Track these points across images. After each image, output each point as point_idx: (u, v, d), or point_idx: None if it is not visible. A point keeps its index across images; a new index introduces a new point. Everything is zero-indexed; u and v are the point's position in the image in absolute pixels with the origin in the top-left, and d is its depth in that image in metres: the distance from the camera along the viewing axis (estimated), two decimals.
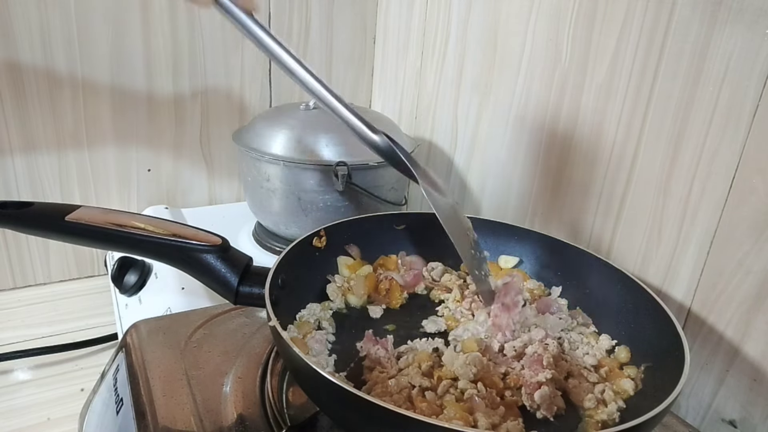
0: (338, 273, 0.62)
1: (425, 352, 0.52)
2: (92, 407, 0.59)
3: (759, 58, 0.50)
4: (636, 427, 0.38)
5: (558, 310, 0.60)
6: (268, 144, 0.77)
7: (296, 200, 0.78)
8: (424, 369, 0.49)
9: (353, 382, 0.49)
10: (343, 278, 0.61)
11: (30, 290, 0.94)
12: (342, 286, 0.60)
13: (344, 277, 0.61)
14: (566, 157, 0.71)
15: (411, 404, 0.45)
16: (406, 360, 0.51)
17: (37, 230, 0.51)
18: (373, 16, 1.05)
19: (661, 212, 0.60)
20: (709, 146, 0.55)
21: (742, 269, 0.53)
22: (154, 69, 0.90)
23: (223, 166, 1.02)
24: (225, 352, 0.57)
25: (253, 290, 0.51)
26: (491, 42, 0.80)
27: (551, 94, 0.71)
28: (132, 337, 0.59)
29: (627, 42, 0.61)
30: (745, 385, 0.55)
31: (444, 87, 0.91)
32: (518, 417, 0.45)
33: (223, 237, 0.53)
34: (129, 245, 0.52)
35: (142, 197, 0.98)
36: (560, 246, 0.63)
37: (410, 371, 0.48)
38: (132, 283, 0.76)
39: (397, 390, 0.46)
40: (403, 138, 0.85)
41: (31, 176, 0.88)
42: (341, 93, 0.84)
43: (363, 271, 0.62)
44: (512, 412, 0.46)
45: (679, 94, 0.57)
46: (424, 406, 0.44)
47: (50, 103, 0.85)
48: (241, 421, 0.49)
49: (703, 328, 0.58)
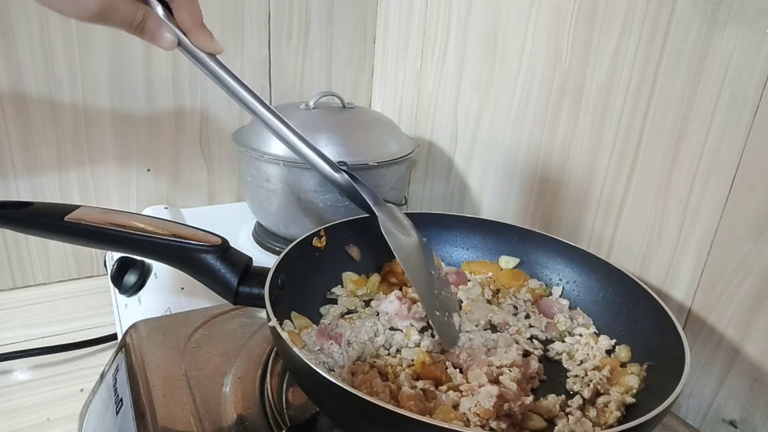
0: (342, 285, 0.62)
1: (419, 359, 0.51)
2: (92, 407, 0.59)
3: (759, 58, 0.50)
4: (636, 427, 0.38)
5: (558, 311, 0.60)
6: (268, 144, 0.77)
7: (296, 200, 0.78)
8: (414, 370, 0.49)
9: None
10: (347, 290, 0.61)
11: (29, 290, 0.94)
12: (349, 294, 0.61)
13: (348, 290, 0.61)
14: (566, 157, 0.71)
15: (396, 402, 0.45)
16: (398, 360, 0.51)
17: (37, 230, 0.51)
18: (373, 16, 1.05)
19: (661, 212, 0.60)
20: (709, 146, 0.55)
21: (743, 269, 0.53)
22: (154, 68, 0.90)
23: (223, 166, 1.02)
24: (225, 353, 0.57)
25: (252, 290, 0.51)
26: (491, 42, 0.80)
27: (551, 94, 0.71)
28: (131, 338, 0.59)
29: (627, 42, 0.61)
30: (746, 385, 0.55)
31: (444, 87, 0.91)
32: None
33: (222, 237, 0.53)
34: (128, 245, 0.52)
35: (141, 197, 0.98)
36: (560, 246, 0.63)
37: (402, 377, 0.48)
38: (132, 284, 0.76)
39: (382, 389, 0.46)
40: (402, 138, 0.85)
41: (30, 176, 0.88)
42: (341, 93, 0.85)
43: (372, 284, 0.62)
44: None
45: (680, 94, 0.57)
46: (411, 404, 0.44)
47: (50, 102, 0.85)
48: (240, 421, 0.49)
49: (703, 328, 0.57)
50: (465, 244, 0.67)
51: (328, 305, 0.58)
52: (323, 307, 0.58)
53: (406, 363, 0.50)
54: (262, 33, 0.96)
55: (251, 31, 0.95)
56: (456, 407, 0.45)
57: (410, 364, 0.50)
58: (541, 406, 0.47)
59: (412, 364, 0.50)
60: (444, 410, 0.44)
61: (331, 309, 0.58)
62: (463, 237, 0.68)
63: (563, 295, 0.62)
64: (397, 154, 0.80)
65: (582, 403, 0.48)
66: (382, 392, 0.45)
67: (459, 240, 0.68)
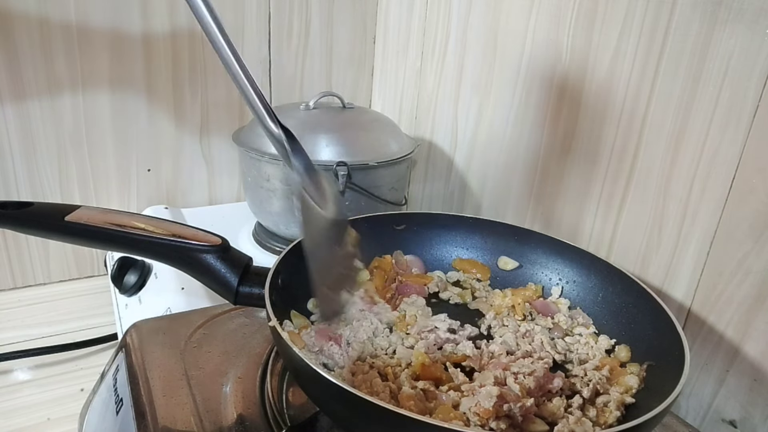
0: None
1: (418, 361, 0.51)
2: (92, 407, 0.59)
3: (759, 57, 0.50)
4: (636, 427, 0.38)
5: (558, 311, 0.60)
6: (268, 144, 0.77)
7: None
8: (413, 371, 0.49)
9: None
10: None
11: (30, 290, 0.94)
12: None
13: None
14: (566, 157, 0.71)
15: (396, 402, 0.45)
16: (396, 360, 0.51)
17: (37, 230, 0.51)
18: (373, 16, 1.05)
19: (661, 212, 0.60)
20: (709, 146, 0.55)
21: (743, 269, 0.53)
22: (154, 69, 0.90)
23: (223, 166, 1.02)
24: (225, 353, 0.57)
25: (253, 290, 0.51)
26: (491, 42, 0.80)
27: (551, 94, 0.71)
28: (132, 338, 0.59)
29: (627, 42, 0.61)
30: (746, 385, 0.55)
31: (444, 87, 0.91)
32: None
33: (223, 237, 0.53)
34: (129, 245, 0.52)
35: (141, 197, 0.98)
36: (560, 246, 0.63)
37: (402, 377, 0.48)
38: (132, 284, 0.76)
39: (382, 389, 0.46)
40: (402, 138, 0.85)
41: (31, 176, 0.88)
42: (341, 93, 0.85)
43: (359, 281, 0.62)
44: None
45: (680, 94, 0.57)
46: (411, 404, 0.44)
47: (50, 102, 0.85)
48: (241, 421, 0.49)
49: (703, 328, 0.57)
50: (464, 244, 0.67)
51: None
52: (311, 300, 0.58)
53: (405, 363, 0.50)
54: (262, 33, 0.96)
55: (251, 31, 0.95)
56: (456, 407, 0.45)
57: (409, 364, 0.50)
58: (546, 408, 0.46)
59: (411, 363, 0.50)
60: (444, 410, 0.44)
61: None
62: (462, 237, 0.68)
63: (563, 295, 0.62)
64: (397, 154, 0.80)
65: (582, 403, 0.48)
66: (382, 392, 0.45)
67: (458, 240, 0.68)
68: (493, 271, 0.66)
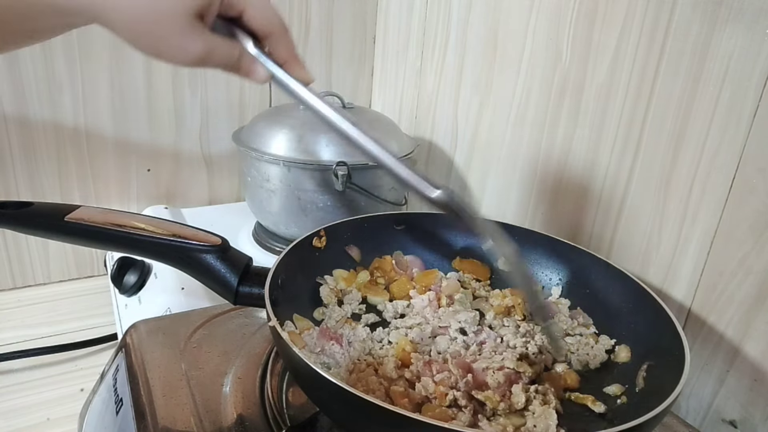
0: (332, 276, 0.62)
1: (400, 345, 0.52)
2: (92, 407, 0.59)
3: (759, 58, 0.50)
4: (636, 427, 0.38)
5: (558, 311, 0.60)
6: (268, 144, 0.77)
7: (296, 200, 0.78)
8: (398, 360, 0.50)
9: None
10: (335, 281, 0.61)
11: (30, 290, 0.94)
12: (334, 288, 0.60)
13: (338, 288, 0.61)
14: (566, 157, 0.71)
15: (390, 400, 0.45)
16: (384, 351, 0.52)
17: (37, 230, 0.51)
18: (373, 16, 1.05)
19: (661, 212, 0.60)
20: (709, 146, 0.55)
21: (743, 269, 0.53)
22: (155, 68, 0.90)
23: (223, 166, 1.02)
24: (225, 353, 0.57)
25: (252, 290, 0.51)
26: (491, 42, 0.80)
27: (551, 94, 0.71)
28: (131, 338, 0.59)
29: (627, 42, 0.61)
30: (746, 385, 0.55)
31: (444, 87, 0.91)
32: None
33: (222, 237, 0.53)
34: (129, 245, 0.52)
35: (141, 197, 0.98)
36: (560, 246, 0.63)
37: (388, 366, 0.49)
38: (132, 284, 0.76)
39: (377, 387, 0.46)
40: (402, 138, 0.85)
41: (31, 176, 0.88)
42: (341, 93, 0.85)
43: (360, 281, 0.62)
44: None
45: (680, 94, 0.57)
46: (405, 401, 0.45)
47: (50, 102, 0.85)
48: (240, 421, 0.49)
49: (703, 329, 0.57)
50: (464, 244, 0.67)
51: (321, 308, 0.58)
52: (316, 310, 0.58)
53: (391, 352, 0.51)
54: None
55: None
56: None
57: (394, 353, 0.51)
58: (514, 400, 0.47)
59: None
60: (431, 407, 0.44)
61: (325, 311, 0.57)
62: (462, 237, 0.68)
63: (563, 295, 0.62)
64: (397, 154, 0.79)
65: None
66: (377, 389, 0.45)
67: (458, 240, 0.68)
68: (493, 271, 0.66)
